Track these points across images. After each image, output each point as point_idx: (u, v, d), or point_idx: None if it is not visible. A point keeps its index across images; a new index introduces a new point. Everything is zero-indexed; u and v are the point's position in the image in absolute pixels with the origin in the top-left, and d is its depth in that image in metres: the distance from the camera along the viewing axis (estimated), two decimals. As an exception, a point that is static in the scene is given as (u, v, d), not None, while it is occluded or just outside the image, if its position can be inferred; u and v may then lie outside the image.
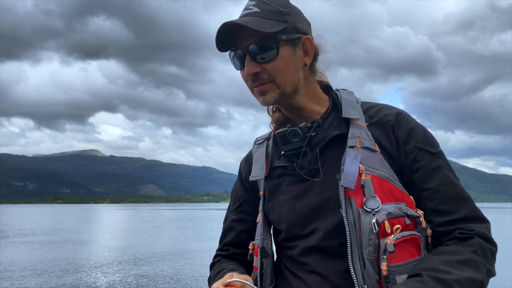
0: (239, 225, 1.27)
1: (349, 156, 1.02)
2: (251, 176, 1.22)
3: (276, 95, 1.07)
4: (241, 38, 1.05)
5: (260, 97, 1.09)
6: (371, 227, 0.94)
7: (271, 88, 1.07)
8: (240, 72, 1.11)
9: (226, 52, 1.11)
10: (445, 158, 1.07)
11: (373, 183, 0.99)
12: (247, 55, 1.05)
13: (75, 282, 10.46)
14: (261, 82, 1.07)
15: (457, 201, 1.01)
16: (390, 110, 1.12)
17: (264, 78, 1.06)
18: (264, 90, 1.07)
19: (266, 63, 1.05)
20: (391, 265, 0.92)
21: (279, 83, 1.07)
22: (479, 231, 0.98)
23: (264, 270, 1.14)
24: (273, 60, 1.05)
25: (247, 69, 1.06)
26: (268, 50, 1.04)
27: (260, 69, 1.05)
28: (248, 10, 1.06)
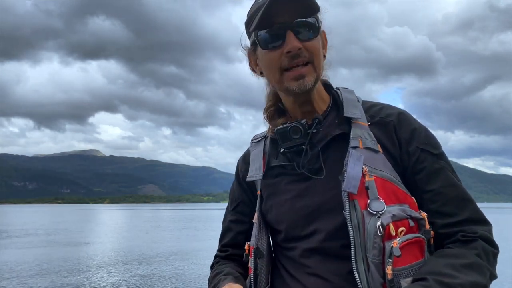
0: (237, 226, 1.26)
1: (352, 157, 1.00)
2: (248, 177, 1.20)
3: (313, 79, 1.04)
4: (282, 15, 1.00)
5: (295, 82, 1.03)
6: (376, 230, 0.92)
7: (310, 71, 1.03)
8: (266, 54, 1.05)
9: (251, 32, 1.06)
10: (447, 159, 1.06)
11: (376, 185, 0.98)
12: (289, 30, 1.00)
13: (75, 282, 10.48)
14: (301, 61, 1.02)
15: (460, 203, 1.00)
16: (392, 110, 1.10)
17: (305, 56, 1.02)
18: (303, 73, 1.02)
19: (309, 41, 1.01)
20: (396, 268, 0.91)
21: (316, 65, 1.04)
22: (482, 234, 0.97)
23: (259, 271, 1.12)
24: (315, 39, 1.02)
25: (292, 44, 0.99)
26: (312, 28, 1.02)
27: (302, 46, 1.00)
28: None
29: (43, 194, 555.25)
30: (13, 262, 13.69)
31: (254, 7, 1.05)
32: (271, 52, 1.03)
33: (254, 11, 1.04)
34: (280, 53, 1.02)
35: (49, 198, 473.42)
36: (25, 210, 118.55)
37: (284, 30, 1.01)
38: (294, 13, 1.00)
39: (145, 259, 14.39)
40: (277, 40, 1.02)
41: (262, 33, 1.03)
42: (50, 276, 11.33)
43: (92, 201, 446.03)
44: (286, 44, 1.00)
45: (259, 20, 1.00)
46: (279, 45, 1.02)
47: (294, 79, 1.03)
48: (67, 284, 10.21)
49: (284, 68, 1.03)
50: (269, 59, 1.05)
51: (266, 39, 1.03)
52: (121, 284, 10.13)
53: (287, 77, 1.03)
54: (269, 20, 1.00)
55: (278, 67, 1.04)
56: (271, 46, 1.03)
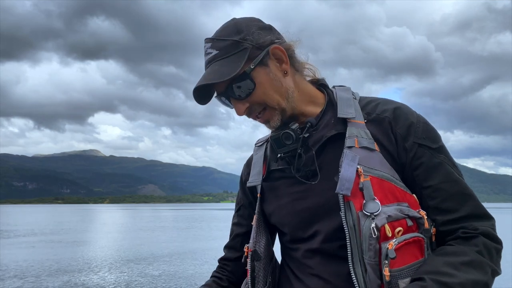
0: (236, 228, 1.29)
1: (346, 158, 0.99)
2: (249, 182, 1.22)
3: (279, 116, 1.07)
4: (215, 87, 1.06)
5: (266, 125, 1.10)
6: (370, 232, 0.91)
7: (270, 113, 1.07)
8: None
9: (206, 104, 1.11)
10: (447, 153, 1.03)
11: (372, 185, 0.96)
12: (230, 99, 1.06)
13: (75, 282, 10.40)
14: (257, 113, 1.07)
15: (460, 199, 0.98)
16: (387, 105, 1.08)
17: (257, 108, 1.06)
18: (266, 118, 1.07)
19: (249, 96, 1.04)
20: (393, 269, 0.90)
21: (272, 105, 1.06)
22: (483, 230, 0.95)
23: (256, 273, 1.13)
24: (253, 91, 1.04)
25: (238, 110, 1.06)
26: (245, 85, 1.03)
27: (248, 103, 1.05)
28: (208, 55, 1.05)
29: (43, 194, 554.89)
30: (13, 262, 13.59)
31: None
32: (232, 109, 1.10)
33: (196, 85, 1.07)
34: None
35: (49, 198, 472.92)
36: (25, 210, 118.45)
37: (226, 99, 1.07)
38: (222, 84, 1.04)
39: (144, 259, 14.28)
40: (227, 105, 1.10)
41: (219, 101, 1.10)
42: (50, 276, 11.23)
43: (92, 201, 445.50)
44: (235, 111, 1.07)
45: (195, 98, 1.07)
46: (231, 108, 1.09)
47: (263, 123, 1.10)
48: (67, 284, 10.12)
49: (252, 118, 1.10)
50: None
51: (225, 105, 1.10)
52: (122, 284, 10.04)
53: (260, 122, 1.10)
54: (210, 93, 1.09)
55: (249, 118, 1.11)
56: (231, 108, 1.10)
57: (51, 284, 10.17)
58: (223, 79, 1.00)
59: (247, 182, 1.23)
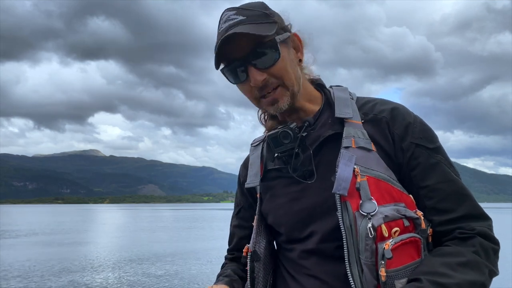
0: (239, 231, 1.27)
1: (343, 158, 0.98)
2: (247, 183, 1.20)
3: (288, 98, 1.04)
4: (236, 49, 1.00)
5: (271, 107, 1.05)
6: (367, 232, 0.91)
7: (282, 92, 1.04)
8: (238, 86, 1.06)
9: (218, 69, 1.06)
10: (445, 154, 1.03)
11: (369, 185, 0.96)
12: (248, 65, 1.01)
13: (76, 282, 10.43)
14: (271, 89, 1.03)
15: (457, 199, 0.98)
16: (385, 105, 1.07)
17: (273, 83, 1.02)
18: (276, 97, 1.04)
19: (271, 67, 1.01)
20: (390, 270, 0.89)
21: (288, 84, 1.03)
22: (480, 230, 0.95)
23: (256, 274, 1.12)
24: (277, 62, 1.01)
25: (255, 77, 1.00)
26: (270, 53, 1.00)
27: (266, 75, 1.01)
28: (232, 21, 1.00)
29: (43, 194, 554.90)
30: (13, 262, 13.63)
31: (217, 35, 1.04)
32: (241, 85, 1.05)
33: (216, 42, 1.02)
34: (249, 86, 1.03)
35: (49, 198, 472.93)
36: (25, 210, 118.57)
37: (244, 65, 1.01)
38: (248, 45, 0.99)
39: (149, 259, 14.32)
40: (241, 75, 1.03)
41: (226, 70, 1.04)
42: (50, 276, 11.27)
43: (92, 201, 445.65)
44: (250, 79, 1.01)
45: (216, 60, 1.01)
46: (245, 80, 1.03)
47: (269, 104, 1.05)
48: (72, 284, 10.15)
49: (257, 98, 1.05)
50: (242, 91, 1.07)
51: (232, 76, 1.04)
52: (125, 284, 10.07)
53: (263, 103, 1.06)
54: (226, 58, 1.01)
55: (253, 98, 1.06)
56: (238, 82, 1.04)
57: (55, 284, 10.21)
58: (259, 33, 0.96)
59: (245, 184, 1.22)
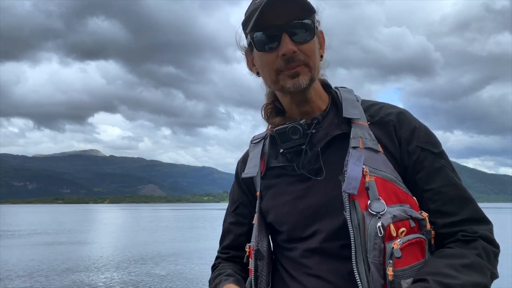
0: (237, 228, 1.25)
1: (352, 158, 0.99)
2: (244, 173, 1.19)
3: (308, 78, 1.03)
4: (278, 17, 0.99)
5: (290, 80, 1.03)
6: (376, 231, 0.92)
7: (304, 70, 1.03)
8: (263, 55, 1.05)
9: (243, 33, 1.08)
10: (448, 158, 1.05)
11: (377, 185, 0.97)
12: (284, 33, 1.00)
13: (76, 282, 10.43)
14: (296, 64, 1.02)
15: (460, 202, 0.99)
16: (391, 109, 1.09)
17: (300, 59, 1.01)
18: (298, 71, 1.02)
19: (304, 44, 1.01)
20: (397, 269, 0.90)
21: (312, 66, 1.03)
22: (482, 234, 0.97)
23: (259, 272, 1.12)
24: (310, 41, 1.02)
25: (287, 47, 0.99)
26: (307, 31, 1.01)
27: (297, 49, 1.00)
28: None
29: (43, 194, 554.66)
30: (13, 262, 13.64)
31: (251, 7, 1.05)
32: (267, 54, 1.04)
33: (250, 12, 1.04)
34: (275, 55, 1.02)
35: (49, 198, 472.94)
36: (25, 210, 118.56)
37: (280, 32, 1.00)
38: (289, 15, 0.99)
39: (153, 259, 14.31)
40: (272, 42, 1.02)
41: (258, 35, 1.03)
42: (50, 276, 11.29)
43: (92, 201, 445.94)
44: (281, 47, 1.00)
45: (254, 21, 1.00)
46: (275, 47, 1.02)
47: (289, 77, 1.03)
48: (76, 284, 10.16)
49: (279, 69, 1.03)
50: (265, 60, 1.05)
51: (262, 41, 1.03)
52: (129, 284, 10.06)
53: (283, 76, 1.04)
54: (265, 22, 1.00)
55: (274, 69, 1.04)
56: (267, 48, 1.03)
57: (60, 284, 10.23)
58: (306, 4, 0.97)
59: (242, 174, 1.21)
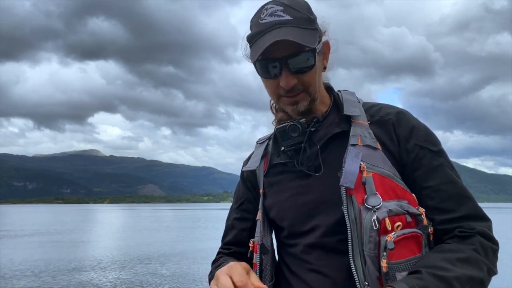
0: (240, 223, 1.27)
1: (350, 154, 1.03)
2: (245, 167, 1.24)
3: (307, 103, 1.08)
4: (279, 48, 1.01)
5: (290, 107, 1.09)
6: (371, 224, 0.95)
7: (303, 97, 1.07)
8: (265, 80, 1.10)
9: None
10: (447, 157, 1.08)
11: (374, 181, 1.00)
12: (284, 68, 1.04)
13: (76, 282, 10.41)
14: (295, 93, 1.07)
15: (458, 200, 1.02)
16: (391, 109, 1.13)
17: (299, 89, 1.06)
18: (297, 100, 1.07)
19: (304, 74, 1.05)
20: (391, 262, 0.93)
21: (311, 92, 1.08)
22: (480, 230, 0.98)
23: (264, 266, 1.14)
24: (310, 71, 1.06)
25: (286, 81, 1.04)
26: (307, 61, 1.04)
27: (297, 80, 1.05)
28: (279, 18, 1.03)
29: (43, 194, 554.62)
30: (14, 262, 13.64)
31: (256, 28, 1.06)
32: (268, 80, 1.08)
33: (254, 32, 1.06)
34: (276, 83, 1.06)
35: (49, 198, 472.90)
36: (25, 210, 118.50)
37: (279, 66, 1.04)
38: (288, 48, 1.01)
39: (158, 259, 14.29)
40: (273, 71, 1.05)
41: (260, 63, 1.06)
42: (50, 276, 11.31)
43: (92, 201, 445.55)
44: (280, 79, 1.04)
45: (256, 52, 1.03)
46: (275, 77, 1.06)
47: (288, 104, 1.09)
48: (75, 284, 10.12)
49: (280, 95, 1.09)
50: (267, 85, 1.10)
51: (263, 70, 1.07)
52: (131, 284, 10.03)
53: (283, 101, 1.10)
54: (266, 53, 1.02)
55: (276, 94, 1.09)
56: (268, 77, 1.07)
57: (51, 284, 10.21)
58: (305, 44, 1.00)
59: (250, 176, 1.25)
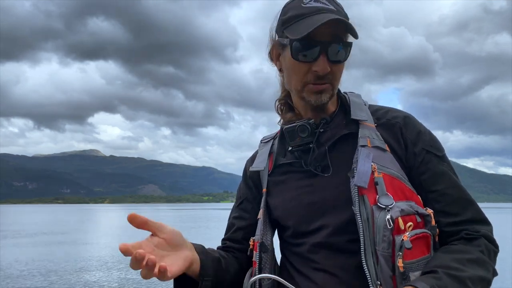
0: (238, 221, 1.28)
1: (362, 154, 1.03)
2: (251, 167, 1.23)
3: (330, 95, 1.09)
4: (322, 33, 1.01)
5: (314, 96, 1.08)
6: (385, 223, 0.95)
7: (328, 88, 1.08)
8: (296, 63, 1.07)
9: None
10: (449, 162, 1.11)
11: (385, 181, 1.01)
12: (323, 52, 1.03)
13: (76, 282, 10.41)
14: (325, 82, 1.07)
15: (463, 204, 1.05)
16: (397, 112, 1.15)
17: (329, 78, 1.06)
18: (323, 89, 1.07)
19: (338, 64, 1.06)
20: (407, 261, 0.93)
21: (335, 85, 1.09)
22: (484, 233, 1.02)
23: (263, 265, 1.14)
24: (342, 64, 1.07)
25: (323, 66, 1.03)
26: (344, 52, 1.05)
27: (330, 68, 1.04)
28: (325, 5, 1.03)
29: (43, 194, 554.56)
30: (14, 262, 13.66)
31: (297, 9, 1.05)
32: (300, 64, 1.06)
33: (295, 14, 1.04)
34: (308, 68, 1.05)
35: (49, 198, 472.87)
36: (25, 210, 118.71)
37: (320, 49, 1.03)
38: (331, 35, 1.02)
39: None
40: (310, 56, 1.04)
41: (298, 43, 1.04)
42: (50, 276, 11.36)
43: (92, 201, 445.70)
44: (317, 63, 1.03)
45: (299, 32, 1.01)
46: (310, 61, 1.04)
47: (314, 93, 1.08)
48: (82, 283, 10.14)
49: (307, 82, 1.07)
50: (296, 69, 1.08)
51: (300, 51, 1.04)
52: (137, 284, 10.03)
53: (308, 89, 1.08)
54: (310, 35, 1.00)
55: (302, 81, 1.08)
56: (302, 59, 1.05)
57: (51, 284, 10.25)
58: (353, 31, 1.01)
59: (253, 174, 1.25)
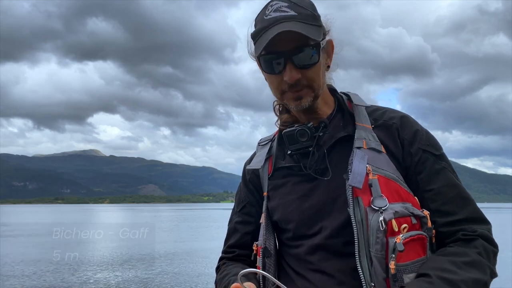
0: (243, 227, 1.28)
1: (357, 156, 1.04)
2: (249, 166, 1.24)
3: (311, 98, 1.09)
4: (283, 42, 1.02)
5: (294, 102, 1.10)
6: (378, 225, 0.96)
7: (308, 92, 1.08)
8: (268, 76, 1.11)
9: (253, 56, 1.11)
10: (448, 160, 1.10)
11: (380, 183, 1.01)
12: (288, 61, 1.04)
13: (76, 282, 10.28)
14: (299, 88, 1.07)
15: (460, 202, 1.04)
16: (394, 113, 1.15)
17: (303, 84, 1.07)
18: (301, 95, 1.08)
19: (308, 69, 1.06)
20: (399, 264, 0.94)
21: (315, 87, 1.09)
22: (481, 233, 1.01)
23: (267, 270, 1.14)
24: (314, 66, 1.06)
25: (291, 75, 1.04)
26: (311, 56, 1.05)
27: (301, 75, 1.05)
28: (284, 13, 1.03)
29: (43, 194, 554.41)
30: (14, 262, 13.55)
31: (260, 23, 1.07)
32: (272, 76, 1.09)
33: (259, 30, 1.06)
34: (280, 78, 1.07)
35: (49, 198, 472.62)
36: (25, 210, 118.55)
37: (284, 58, 1.04)
38: (293, 42, 1.02)
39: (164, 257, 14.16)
40: (276, 68, 1.06)
41: (264, 57, 1.07)
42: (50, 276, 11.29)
43: (92, 201, 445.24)
44: (285, 74, 1.05)
45: (259, 46, 1.05)
46: (279, 72, 1.06)
47: (292, 99, 1.09)
48: (63, 284, 9.94)
49: (284, 91, 1.09)
50: (271, 81, 1.11)
51: (267, 64, 1.07)
52: (141, 284, 9.91)
53: (287, 97, 1.10)
54: (271, 47, 1.03)
55: (279, 90, 1.10)
56: (272, 72, 1.08)
57: (51, 284, 10.20)
58: (311, 36, 1.01)
59: (253, 178, 1.25)
